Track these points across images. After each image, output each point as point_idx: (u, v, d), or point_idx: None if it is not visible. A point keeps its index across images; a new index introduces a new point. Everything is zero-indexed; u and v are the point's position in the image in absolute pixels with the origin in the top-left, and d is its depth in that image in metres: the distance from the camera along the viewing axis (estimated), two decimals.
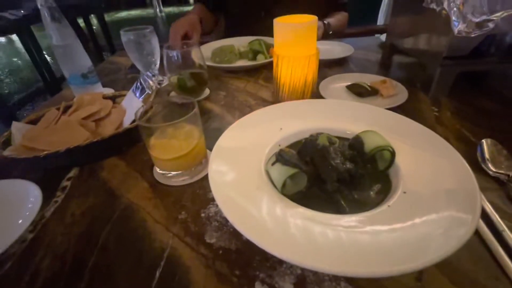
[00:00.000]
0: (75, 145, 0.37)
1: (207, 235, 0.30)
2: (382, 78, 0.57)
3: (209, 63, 0.72)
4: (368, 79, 0.57)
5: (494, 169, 0.34)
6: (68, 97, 0.64)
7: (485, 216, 0.29)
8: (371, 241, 0.22)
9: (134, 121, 0.42)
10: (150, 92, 0.43)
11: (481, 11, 0.41)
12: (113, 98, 0.50)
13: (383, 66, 0.70)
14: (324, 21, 0.88)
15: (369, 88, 0.53)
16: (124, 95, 0.50)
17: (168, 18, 7.23)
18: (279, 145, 0.36)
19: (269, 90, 0.61)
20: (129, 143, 0.44)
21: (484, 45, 0.50)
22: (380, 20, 1.66)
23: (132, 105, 0.44)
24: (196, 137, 0.37)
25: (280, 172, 0.29)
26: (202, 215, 0.32)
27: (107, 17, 7.00)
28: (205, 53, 0.77)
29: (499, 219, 0.28)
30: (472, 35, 0.42)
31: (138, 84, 0.44)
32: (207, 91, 0.61)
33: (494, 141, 0.38)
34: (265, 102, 0.56)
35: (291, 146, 0.37)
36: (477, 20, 0.41)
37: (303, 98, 0.51)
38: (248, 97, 0.59)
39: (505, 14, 0.39)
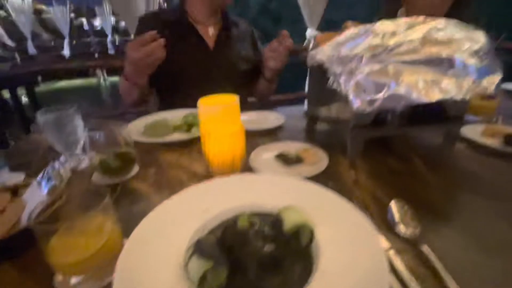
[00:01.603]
0: None
1: None
2: (306, 146, 0.63)
3: (141, 138, 0.71)
4: (294, 147, 0.62)
5: (403, 231, 0.37)
6: None
7: (401, 280, 0.30)
8: None
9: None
10: (57, 184, 0.39)
11: (369, 92, 0.49)
12: (15, 189, 0.44)
13: (308, 133, 0.77)
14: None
15: (294, 158, 0.57)
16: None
17: (112, 87, 7.22)
18: (202, 230, 0.34)
19: (203, 162, 0.61)
20: (24, 246, 0.37)
21: (384, 114, 0.59)
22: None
23: (35, 199, 0.38)
24: (107, 231, 0.33)
25: (197, 266, 0.27)
26: None
27: (44, 86, 6.71)
28: (138, 127, 0.77)
29: (414, 281, 0.30)
30: (367, 111, 0.50)
31: (46, 172, 0.40)
32: (135, 169, 0.58)
33: (401, 202, 0.42)
34: (197, 177, 0.55)
35: (215, 229, 0.35)
36: (368, 98, 0.50)
37: (232, 172, 0.52)
38: (180, 171, 0.58)
39: (386, 94, 0.48)
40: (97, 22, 11.68)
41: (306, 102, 0.89)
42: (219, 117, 0.48)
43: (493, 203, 0.45)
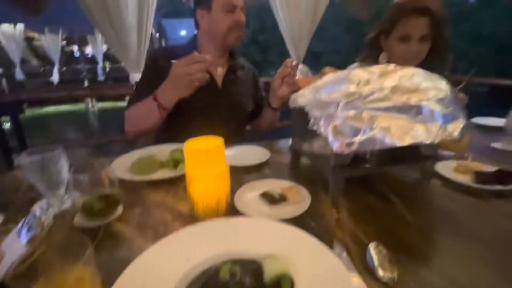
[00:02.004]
0: None
1: None
2: (290, 184, 0.64)
3: (127, 176, 0.71)
4: (279, 185, 0.64)
5: (382, 275, 0.38)
6: None
7: None
8: None
9: None
10: (37, 233, 0.39)
11: (347, 135, 0.53)
12: None
13: (292, 170, 0.79)
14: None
15: (279, 197, 0.58)
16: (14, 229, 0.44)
17: (100, 112, 7.19)
18: (185, 281, 0.34)
19: (189, 201, 0.61)
20: None
21: (362, 154, 0.62)
22: None
23: (13, 250, 0.38)
24: (88, 283, 0.33)
25: None
26: None
27: (30, 111, 6.60)
28: (124, 164, 0.77)
29: None
30: (346, 152, 0.53)
31: (27, 221, 0.40)
32: (120, 209, 0.58)
33: (379, 247, 0.43)
34: (182, 218, 0.55)
35: (198, 278, 0.35)
36: (346, 141, 0.53)
37: (217, 213, 0.53)
38: (165, 212, 0.58)
39: (363, 138, 0.52)
40: (88, 50, 11.89)
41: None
42: (204, 159, 0.50)
43: (467, 243, 0.47)
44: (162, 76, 0.96)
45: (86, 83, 8.35)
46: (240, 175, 0.75)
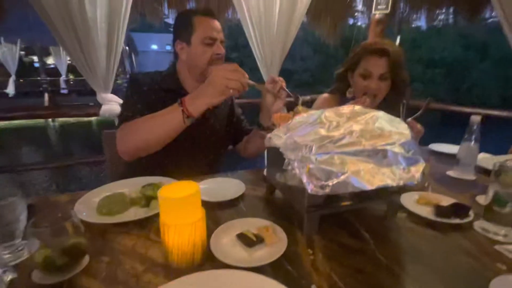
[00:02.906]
0: None
1: None
2: (266, 222, 0.65)
3: (93, 218, 0.66)
4: (254, 224, 0.64)
5: None
6: None
7: None
8: None
9: None
10: None
11: (320, 178, 0.55)
12: None
13: (267, 204, 0.79)
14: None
15: (255, 238, 0.58)
16: None
17: (61, 127, 6.74)
18: None
19: (162, 246, 0.59)
20: None
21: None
22: None
23: None
24: None
25: None
26: None
27: None
28: (90, 204, 0.72)
29: None
30: (320, 194, 0.55)
31: None
32: (85, 260, 0.54)
33: None
34: (155, 268, 0.53)
35: None
36: (320, 184, 0.55)
37: (193, 261, 0.51)
38: (136, 261, 0.54)
39: (335, 181, 0.54)
40: (50, 61, 11.21)
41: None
42: (180, 208, 0.49)
43: (429, 276, 0.51)
44: (148, 102, 0.95)
45: (46, 97, 7.80)
46: (215, 211, 0.74)
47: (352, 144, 0.56)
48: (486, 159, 1.09)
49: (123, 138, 0.91)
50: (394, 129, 0.60)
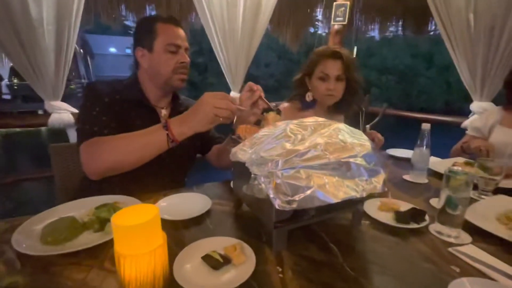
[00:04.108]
0: None
1: None
2: (233, 240, 0.62)
3: (36, 248, 0.58)
4: (221, 243, 0.61)
5: None
6: None
7: None
8: None
9: None
10: None
11: (287, 194, 0.54)
12: None
13: (234, 220, 0.77)
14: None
15: (221, 260, 0.55)
16: None
17: (4, 137, 6.06)
18: None
19: (118, 276, 0.53)
20: None
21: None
22: None
23: None
24: None
25: None
26: None
27: None
28: (32, 232, 0.64)
29: None
30: (287, 209, 0.54)
31: None
32: None
33: None
34: None
35: None
36: (287, 199, 0.54)
37: None
38: None
39: (302, 196, 0.54)
40: None
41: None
42: (137, 236, 0.44)
43: (392, 283, 0.52)
44: (112, 114, 0.89)
45: None
46: (179, 231, 0.69)
47: (317, 158, 0.56)
48: (436, 163, 1.18)
49: (93, 157, 0.82)
50: (356, 141, 0.62)
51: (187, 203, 0.82)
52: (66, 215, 0.69)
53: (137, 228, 0.44)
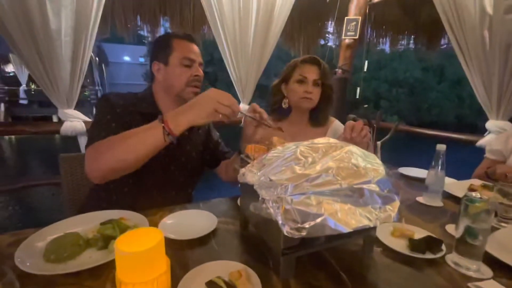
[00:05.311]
0: None
1: None
2: (238, 266, 0.60)
3: (37, 267, 0.57)
4: (226, 268, 0.58)
5: None
6: None
7: None
8: None
9: None
10: None
11: (297, 220, 0.51)
12: None
13: (241, 242, 0.74)
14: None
15: (226, 287, 0.53)
16: None
17: (18, 143, 6.22)
18: None
19: None
20: None
21: None
22: None
23: None
24: None
25: None
26: None
27: None
28: (35, 249, 0.63)
29: None
30: (297, 237, 0.52)
31: None
32: None
33: None
34: None
35: None
36: (296, 226, 0.52)
37: None
38: None
39: (312, 223, 0.51)
40: (9, 69, 10.41)
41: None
42: (139, 263, 0.43)
43: None
44: (123, 123, 0.89)
45: (2, 107, 7.18)
46: (183, 251, 0.68)
47: (329, 183, 0.54)
48: (451, 185, 1.14)
49: (95, 158, 0.81)
50: (369, 166, 0.59)
51: (192, 221, 0.80)
52: (71, 231, 0.68)
53: (140, 255, 0.42)
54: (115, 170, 0.81)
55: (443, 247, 0.70)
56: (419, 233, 0.75)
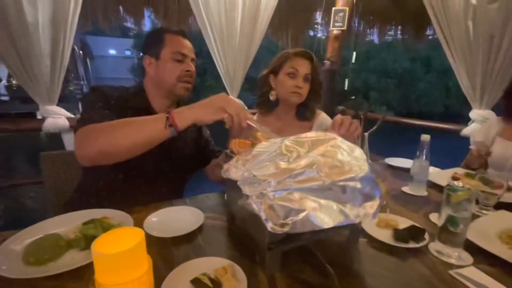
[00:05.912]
0: None
1: None
2: (225, 262, 0.59)
3: (15, 270, 0.55)
4: (212, 264, 0.58)
5: None
6: None
7: None
8: None
9: None
10: None
11: (279, 216, 0.51)
12: None
13: (228, 235, 0.74)
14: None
15: (211, 284, 0.53)
16: None
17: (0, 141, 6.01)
18: None
19: None
20: None
21: None
22: None
23: None
24: None
25: None
26: None
27: None
28: (14, 251, 0.61)
29: None
30: (280, 232, 0.52)
31: None
32: None
33: None
34: None
35: None
36: (280, 222, 0.51)
37: None
38: None
39: (295, 219, 0.51)
40: None
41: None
42: (118, 265, 0.42)
43: None
44: (115, 114, 0.86)
45: None
46: (168, 248, 0.67)
47: (312, 180, 0.54)
48: (435, 174, 1.16)
49: (88, 139, 0.76)
50: (354, 162, 0.59)
51: (178, 218, 0.79)
52: (51, 232, 0.66)
53: (119, 256, 0.41)
54: (105, 153, 0.76)
55: (426, 236, 0.71)
56: (404, 223, 0.77)
